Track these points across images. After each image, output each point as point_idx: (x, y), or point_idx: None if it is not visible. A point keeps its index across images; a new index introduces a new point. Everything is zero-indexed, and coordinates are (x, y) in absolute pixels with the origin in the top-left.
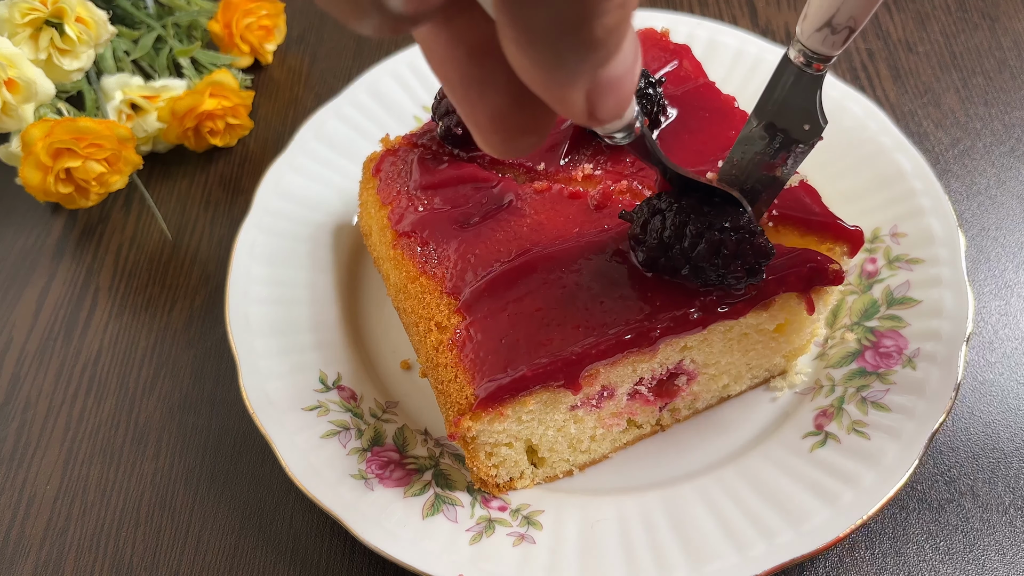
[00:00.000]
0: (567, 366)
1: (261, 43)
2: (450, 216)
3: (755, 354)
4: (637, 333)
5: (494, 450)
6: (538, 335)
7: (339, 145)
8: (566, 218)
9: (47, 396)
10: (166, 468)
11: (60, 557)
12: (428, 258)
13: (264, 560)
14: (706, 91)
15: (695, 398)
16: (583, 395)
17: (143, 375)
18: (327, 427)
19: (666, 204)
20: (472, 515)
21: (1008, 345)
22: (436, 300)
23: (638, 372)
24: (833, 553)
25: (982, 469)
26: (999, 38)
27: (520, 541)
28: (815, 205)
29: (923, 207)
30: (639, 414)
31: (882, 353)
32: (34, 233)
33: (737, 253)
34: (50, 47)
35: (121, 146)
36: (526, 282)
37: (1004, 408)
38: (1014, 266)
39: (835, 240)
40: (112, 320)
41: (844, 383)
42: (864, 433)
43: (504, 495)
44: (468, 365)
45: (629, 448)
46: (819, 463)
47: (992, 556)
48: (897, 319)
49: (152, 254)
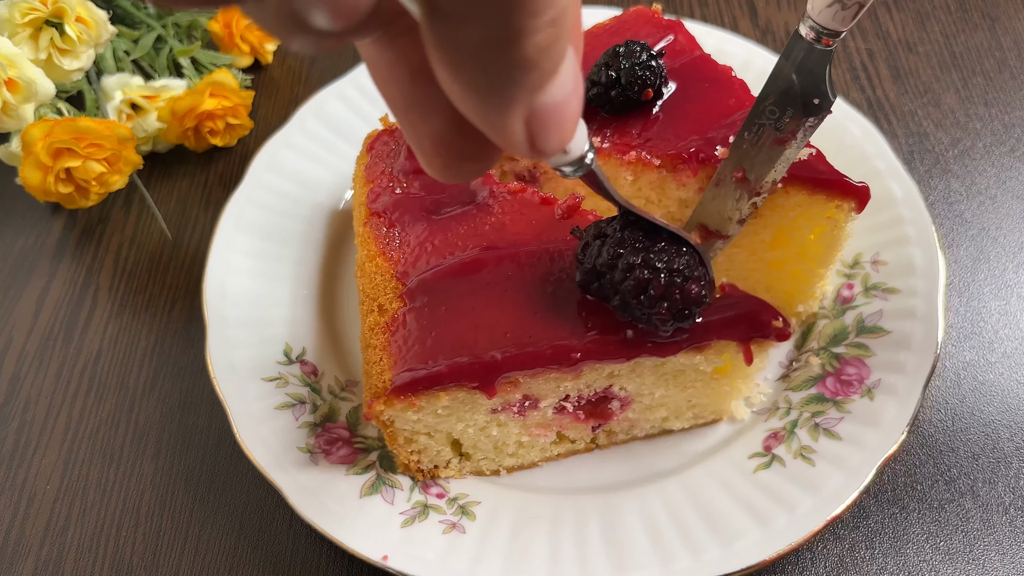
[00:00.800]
0: (484, 370)
1: (261, 43)
2: (423, 203)
3: (695, 392)
4: (558, 351)
5: (413, 437)
6: (467, 334)
7: (339, 126)
8: (530, 223)
9: (47, 396)
10: (166, 468)
11: (60, 557)
12: (391, 240)
13: (264, 560)
14: (702, 63)
15: (631, 425)
16: (502, 401)
17: (143, 375)
18: (283, 399)
19: (611, 230)
20: (409, 499)
21: (1008, 345)
22: (386, 282)
23: (562, 389)
24: (833, 553)
25: (982, 469)
26: (999, 38)
27: (451, 529)
28: (821, 164)
29: (908, 236)
30: (569, 429)
31: (843, 380)
32: (34, 233)
33: (664, 296)
34: (50, 47)
35: (121, 146)
36: (471, 280)
37: (1004, 408)
38: (1014, 266)
39: (842, 197)
40: (112, 320)
41: (801, 407)
42: (810, 460)
43: (444, 482)
44: (394, 351)
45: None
46: (760, 485)
47: (992, 556)
48: (864, 348)
49: (152, 254)
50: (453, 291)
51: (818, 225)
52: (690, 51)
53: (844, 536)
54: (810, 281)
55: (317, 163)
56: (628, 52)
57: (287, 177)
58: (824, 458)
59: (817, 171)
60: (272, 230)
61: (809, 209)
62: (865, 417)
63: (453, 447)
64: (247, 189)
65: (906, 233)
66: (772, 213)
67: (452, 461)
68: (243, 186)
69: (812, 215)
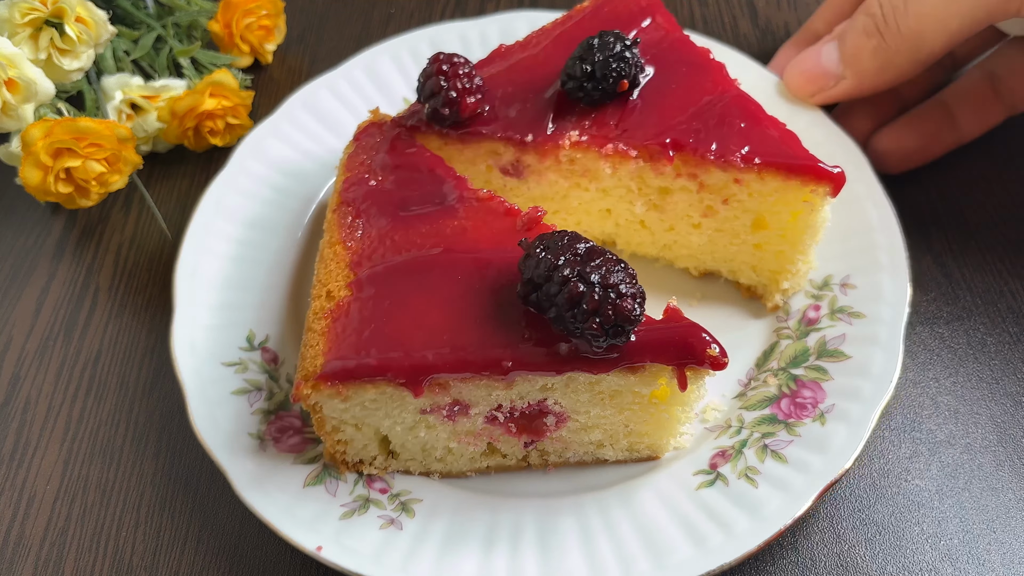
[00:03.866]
0: (413, 368)
1: (261, 43)
2: (392, 197)
3: (632, 416)
4: (489, 359)
5: (340, 426)
6: (405, 332)
7: (327, 119)
8: (491, 231)
9: (47, 396)
10: (166, 468)
11: (60, 557)
12: (353, 229)
13: (264, 560)
14: (680, 45)
15: (565, 446)
16: (431, 402)
17: (143, 375)
18: (240, 384)
19: (555, 244)
20: (352, 492)
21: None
22: (340, 270)
23: (494, 397)
24: (833, 553)
25: (982, 468)
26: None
27: (388, 525)
28: (795, 149)
29: (880, 263)
30: (501, 442)
31: (798, 403)
32: (34, 233)
33: (597, 311)
34: (50, 47)
35: (121, 146)
36: (421, 279)
37: (1005, 403)
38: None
39: (817, 181)
40: (112, 320)
41: (752, 427)
42: (754, 481)
43: (389, 477)
44: (331, 337)
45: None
46: (700, 502)
47: (993, 556)
48: (822, 371)
49: (152, 254)
50: (401, 288)
51: (795, 209)
52: (668, 33)
53: (844, 536)
54: (792, 259)
55: (302, 154)
56: (602, 44)
57: (271, 166)
58: (768, 480)
59: (792, 156)
60: (251, 217)
61: (785, 194)
62: (814, 442)
63: (381, 444)
64: (229, 175)
65: (878, 259)
66: (750, 199)
67: (378, 458)
68: (225, 172)
69: (788, 199)
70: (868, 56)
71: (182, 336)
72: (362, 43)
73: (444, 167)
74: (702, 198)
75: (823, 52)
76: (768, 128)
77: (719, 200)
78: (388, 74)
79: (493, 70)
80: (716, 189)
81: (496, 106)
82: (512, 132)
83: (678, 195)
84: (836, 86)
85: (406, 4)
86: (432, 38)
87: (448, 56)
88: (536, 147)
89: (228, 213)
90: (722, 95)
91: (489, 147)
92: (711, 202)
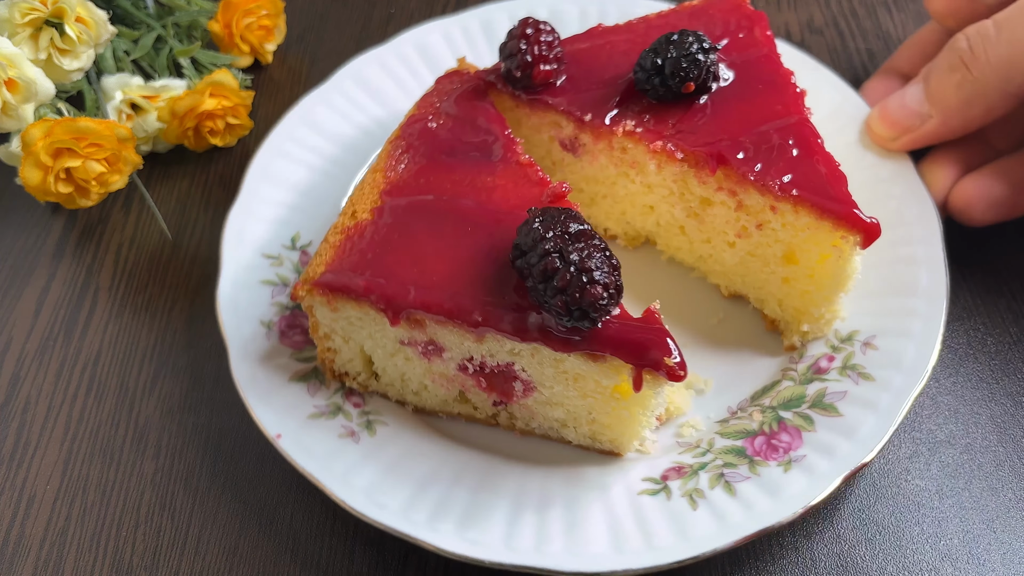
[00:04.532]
0: (392, 298)
1: (261, 43)
2: (443, 142)
3: (595, 405)
4: (463, 308)
5: (331, 335)
6: (402, 265)
7: (376, 93)
8: (517, 195)
9: (47, 396)
10: (166, 468)
11: (60, 557)
12: (399, 162)
13: (264, 560)
14: (766, 62)
15: (531, 416)
16: (409, 335)
17: (143, 375)
18: (270, 276)
19: (552, 218)
20: (329, 399)
21: None
22: (371, 195)
23: (465, 347)
24: (834, 553)
25: (982, 468)
26: None
27: (347, 435)
28: (836, 190)
29: (910, 331)
30: (471, 393)
31: (772, 444)
32: (34, 233)
33: (564, 289)
34: (50, 47)
35: (121, 146)
36: (435, 221)
37: (1007, 403)
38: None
39: (848, 228)
40: (112, 320)
41: (718, 454)
42: (695, 503)
43: (370, 396)
44: (339, 252)
45: None
46: (635, 506)
47: (993, 556)
48: (808, 420)
49: (152, 254)
50: (415, 224)
51: (824, 251)
52: (760, 48)
53: (844, 536)
54: (817, 304)
55: (352, 126)
56: (679, 42)
57: (323, 135)
58: (708, 507)
59: (830, 196)
60: (301, 184)
61: (817, 233)
62: (770, 485)
63: (365, 363)
64: (277, 141)
65: (911, 328)
66: (783, 229)
67: (361, 374)
68: (272, 138)
69: (819, 240)
70: (953, 91)
71: (236, 223)
72: (362, 43)
73: (501, 126)
74: (739, 217)
75: (908, 93)
76: (818, 163)
77: (754, 223)
78: (437, 47)
79: (581, 46)
80: (753, 211)
81: (571, 80)
82: (574, 108)
83: (718, 208)
84: (922, 127)
85: (406, 4)
86: (482, 18)
87: (536, 22)
88: (592, 127)
89: (278, 179)
90: (787, 119)
91: (553, 118)
92: (747, 223)
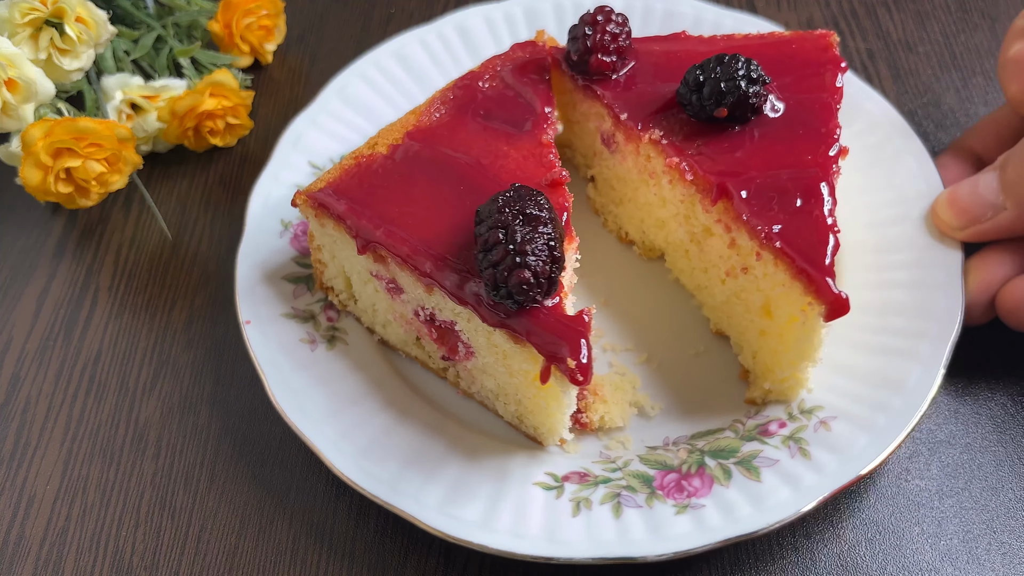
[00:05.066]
0: (364, 228)
1: (261, 43)
2: (484, 103)
3: (521, 386)
4: (418, 254)
5: (321, 248)
6: (390, 203)
7: (416, 72)
8: (523, 170)
9: (47, 396)
10: (166, 468)
11: (60, 557)
12: (436, 110)
13: (264, 560)
14: (821, 109)
15: (472, 379)
16: (376, 268)
17: (143, 375)
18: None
19: (520, 195)
20: (308, 305)
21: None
22: (398, 131)
23: (417, 295)
24: (833, 553)
25: (982, 468)
26: (999, 38)
27: (308, 342)
28: (817, 253)
29: (873, 424)
30: (425, 341)
31: (680, 485)
32: (34, 233)
33: (497, 264)
34: (50, 47)
35: (121, 146)
36: (437, 173)
37: (1006, 405)
38: None
39: (816, 296)
40: (112, 320)
41: (628, 476)
42: (578, 510)
43: (346, 315)
44: (343, 174)
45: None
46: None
47: (993, 556)
48: (726, 474)
49: (152, 254)
50: (419, 171)
51: (793, 313)
52: (822, 92)
53: (844, 536)
54: (782, 365)
55: (387, 103)
56: (727, 65)
57: (358, 110)
58: (588, 519)
59: (807, 258)
60: (332, 155)
61: (790, 292)
62: (655, 521)
63: (347, 283)
64: (312, 113)
65: (876, 421)
66: (764, 279)
67: (343, 293)
68: (308, 110)
69: (791, 299)
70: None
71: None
72: (362, 43)
73: (544, 103)
74: (731, 255)
75: (981, 180)
76: (818, 221)
77: (741, 265)
78: (478, 30)
79: (654, 47)
80: (742, 253)
81: (629, 77)
82: (616, 104)
83: (716, 241)
84: (993, 218)
85: (406, 4)
86: (526, 5)
87: (609, 11)
88: (625, 127)
89: (308, 149)
90: (808, 170)
91: (599, 110)
92: (736, 263)
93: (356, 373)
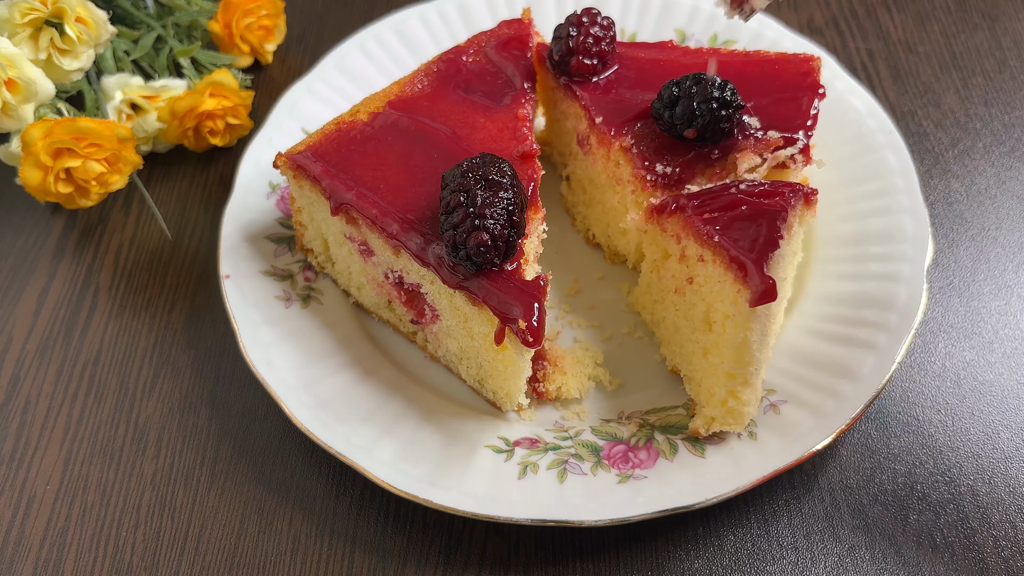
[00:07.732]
0: (337, 189)
1: (261, 43)
2: (465, 77)
3: (482, 350)
4: (385, 216)
5: (301, 210)
6: (366, 167)
7: (415, 47)
8: (496, 141)
9: (47, 396)
10: (166, 468)
11: (60, 557)
12: (419, 81)
13: (264, 560)
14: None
15: (438, 343)
16: (349, 231)
17: (143, 375)
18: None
19: (487, 163)
20: (287, 264)
21: (1008, 345)
22: (380, 100)
23: (385, 258)
24: (833, 553)
25: (982, 469)
26: (999, 38)
27: (283, 299)
28: (756, 244)
29: (821, 408)
30: (395, 304)
31: (626, 457)
32: (34, 233)
33: (457, 226)
34: (50, 47)
35: (121, 146)
36: (413, 140)
37: (1004, 408)
38: (1014, 266)
39: (744, 283)
40: (112, 320)
41: (577, 445)
42: (524, 473)
43: (324, 277)
44: (323, 138)
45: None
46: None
47: (993, 556)
48: (672, 449)
49: (152, 254)
50: (395, 138)
51: (727, 310)
52: (796, 119)
53: (844, 536)
54: (721, 384)
55: (385, 77)
56: (703, 85)
57: (353, 81)
58: (532, 482)
59: (741, 248)
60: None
61: (723, 286)
62: (594, 489)
63: (324, 245)
64: (308, 81)
65: (822, 406)
66: (705, 285)
67: (321, 255)
68: (306, 78)
69: (724, 294)
70: None
71: (295, 95)
72: None
73: (526, 79)
74: (681, 269)
75: None
76: (763, 228)
77: (686, 277)
78: (477, 8)
79: (639, 54)
80: (690, 262)
81: (610, 81)
82: (593, 107)
83: (671, 262)
84: None
85: (406, 4)
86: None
87: (595, 13)
88: (599, 131)
89: (304, 116)
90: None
91: (577, 110)
92: (685, 274)
93: (325, 331)
